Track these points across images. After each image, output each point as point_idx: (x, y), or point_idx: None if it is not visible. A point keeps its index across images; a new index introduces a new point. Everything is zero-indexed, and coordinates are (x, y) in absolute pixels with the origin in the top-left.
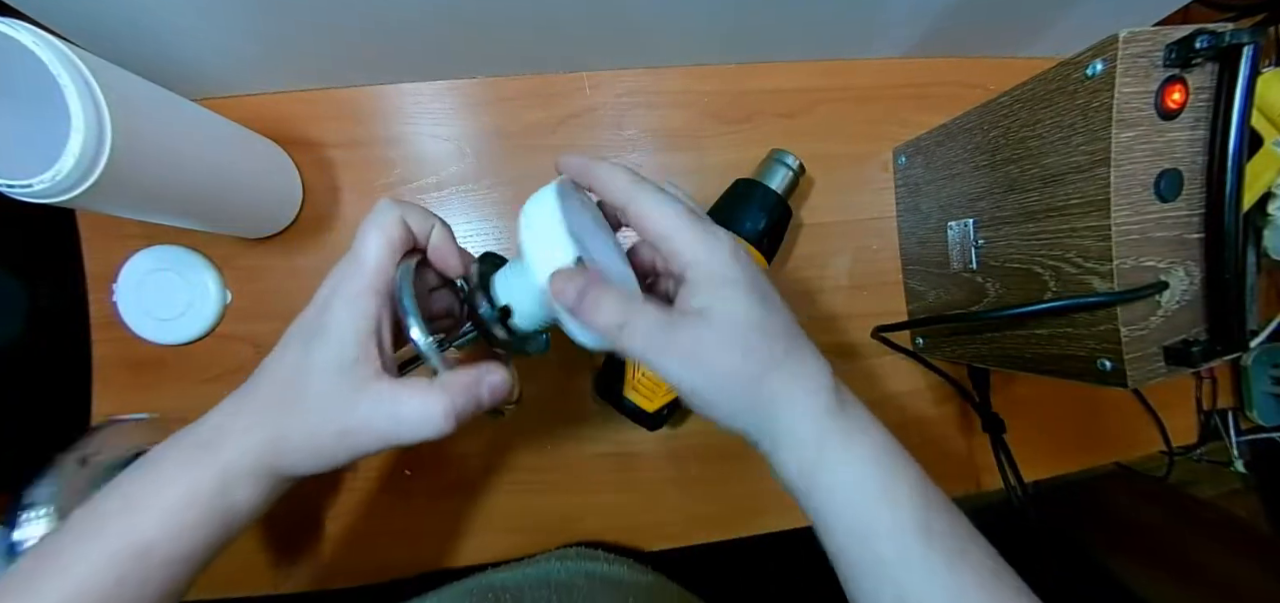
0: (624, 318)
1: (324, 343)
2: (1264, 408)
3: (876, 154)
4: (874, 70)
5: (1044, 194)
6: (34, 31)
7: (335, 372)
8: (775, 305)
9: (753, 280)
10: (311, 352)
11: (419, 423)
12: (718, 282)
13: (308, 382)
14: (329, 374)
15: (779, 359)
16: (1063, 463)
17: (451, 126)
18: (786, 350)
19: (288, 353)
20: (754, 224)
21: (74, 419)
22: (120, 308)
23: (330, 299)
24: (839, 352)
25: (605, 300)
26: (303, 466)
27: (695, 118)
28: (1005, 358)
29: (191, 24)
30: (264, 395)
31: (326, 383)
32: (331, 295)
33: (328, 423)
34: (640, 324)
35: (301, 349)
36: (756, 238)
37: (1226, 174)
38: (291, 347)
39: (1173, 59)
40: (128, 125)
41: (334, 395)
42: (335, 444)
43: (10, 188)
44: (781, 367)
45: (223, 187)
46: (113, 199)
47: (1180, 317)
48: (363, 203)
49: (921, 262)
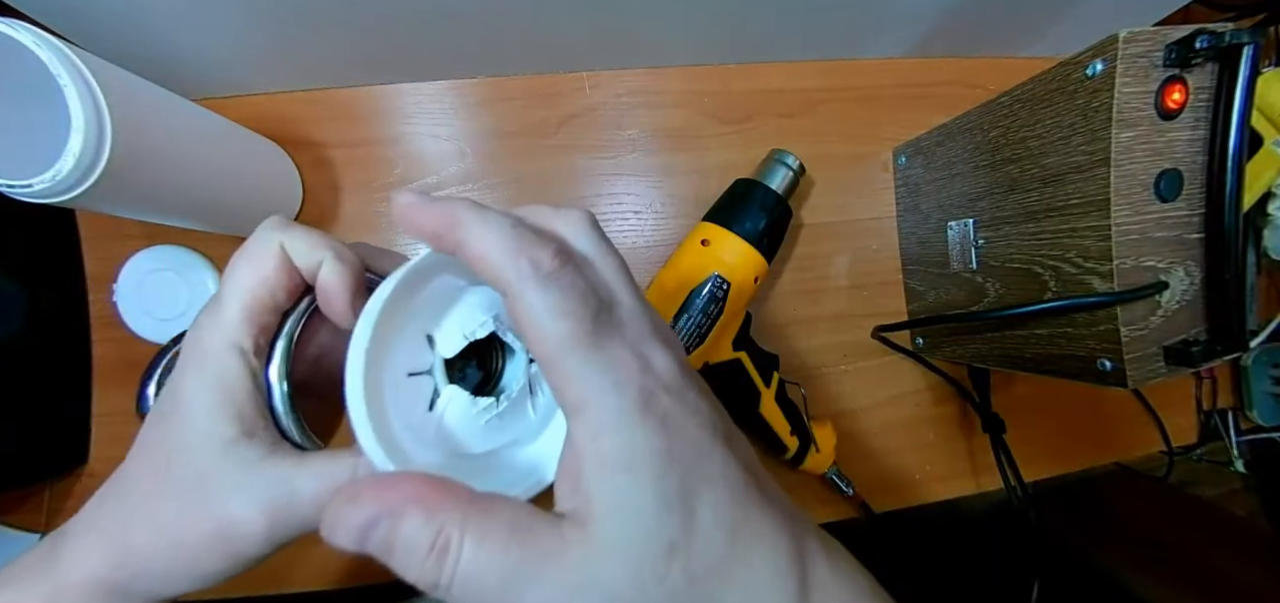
0: (440, 571)
1: (178, 419)
2: (1264, 408)
3: (876, 154)
4: (874, 70)
5: (1044, 194)
6: (34, 31)
7: (200, 454)
8: (706, 474)
9: (669, 445)
10: (168, 431)
11: (319, 497)
12: (609, 462)
13: (167, 472)
14: (191, 458)
15: (706, 588)
16: (1063, 463)
17: (451, 126)
18: (720, 568)
19: (148, 432)
20: (754, 224)
21: (74, 419)
22: (120, 308)
23: (184, 360)
24: (839, 352)
25: (408, 538)
26: (169, 586)
27: (695, 118)
28: (1005, 358)
29: (191, 24)
30: (118, 492)
31: (187, 471)
32: (185, 355)
33: (194, 526)
34: (474, 567)
35: (158, 427)
36: (756, 238)
37: (1226, 174)
38: (150, 424)
39: (1173, 59)
40: (128, 125)
41: (199, 488)
42: (211, 551)
43: (10, 188)
44: (715, 594)
45: (223, 187)
46: (113, 199)
47: (1180, 317)
48: (363, 203)
49: (921, 262)
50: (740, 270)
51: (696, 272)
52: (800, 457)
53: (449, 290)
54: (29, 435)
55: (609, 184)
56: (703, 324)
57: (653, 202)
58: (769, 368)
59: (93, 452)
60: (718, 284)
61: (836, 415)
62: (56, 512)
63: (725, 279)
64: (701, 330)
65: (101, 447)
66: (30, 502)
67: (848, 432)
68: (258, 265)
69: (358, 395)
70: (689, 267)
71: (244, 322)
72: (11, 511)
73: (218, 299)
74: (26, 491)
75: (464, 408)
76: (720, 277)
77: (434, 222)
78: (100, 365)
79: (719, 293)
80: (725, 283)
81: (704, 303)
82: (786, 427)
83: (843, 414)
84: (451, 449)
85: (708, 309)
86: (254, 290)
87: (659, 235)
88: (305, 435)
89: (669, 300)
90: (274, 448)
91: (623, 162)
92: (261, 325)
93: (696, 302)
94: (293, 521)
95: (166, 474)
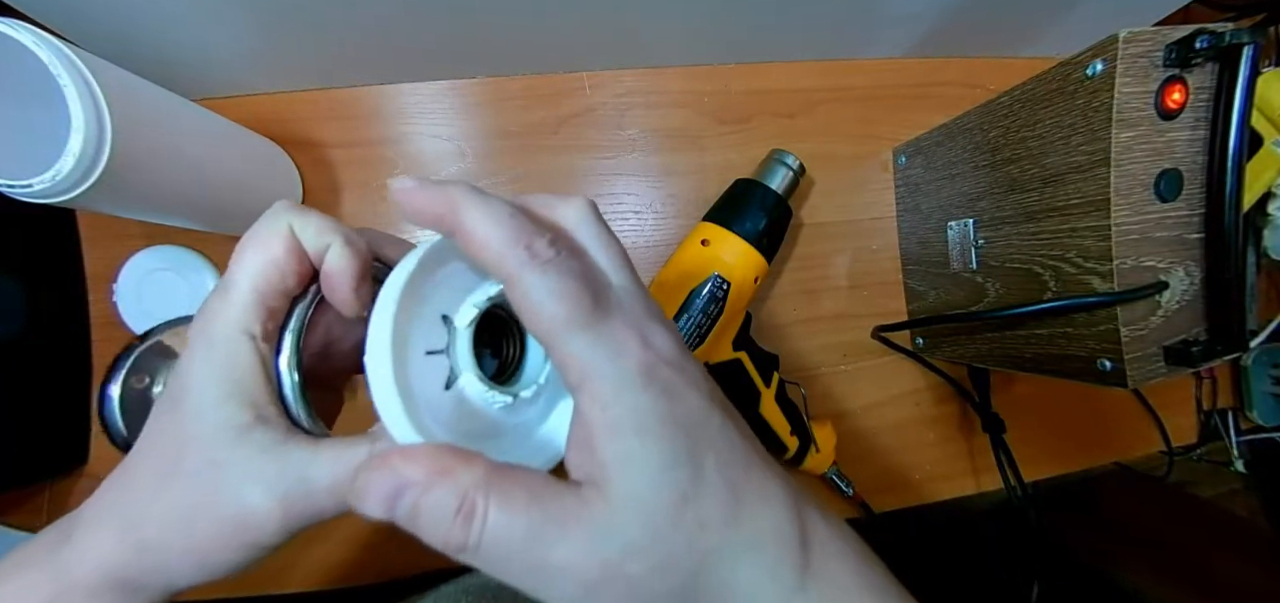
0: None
1: (188, 407)
2: (1264, 408)
3: (876, 154)
4: (874, 70)
5: (1044, 194)
6: (34, 31)
7: (213, 443)
8: (707, 437)
9: (672, 410)
10: (178, 419)
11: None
12: (618, 427)
13: (179, 462)
14: (204, 447)
15: (717, 536)
16: (1063, 463)
17: (451, 126)
18: (729, 517)
19: (156, 420)
20: (754, 224)
21: (74, 419)
22: (120, 308)
23: (192, 347)
24: (839, 352)
25: (435, 504)
26: (182, 578)
27: (695, 118)
28: (1005, 358)
29: (191, 24)
30: (126, 483)
31: (200, 461)
32: (193, 342)
33: (209, 516)
34: (500, 529)
35: (167, 416)
36: (756, 238)
37: (1226, 174)
38: (158, 413)
39: (1173, 59)
40: (128, 125)
41: (213, 477)
42: (226, 542)
43: (10, 188)
44: (721, 551)
45: (223, 187)
46: (113, 199)
47: (1180, 317)
48: (363, 203)
49: (921, 262)
50: (740, 270)
51: (697, 271)
52: (800, 457)
53: (462, 275)
54: (29, 435)
55: (609, 184)
56: (703, 324)
57: (653, 202)
58: (769, 368)
59: (93, 452)
60: (718, 284)
61: (836, 415)
62: (56, 512)
63: (725, 279)
64: (702, 330)
65: (101, 447)
66: (30, 502)
67: (848, 432)
68: (267, 247)
69: (386, 367)
70: (689, 266)
71: (254, 306)
72: (11, 510)
73: (226, 283)
74: (26, 490)
75: (480, 389)
76: (720, 277)
77: (433, 205)
78: (100, 365)
79: (719, 293)
80: (725, 283)
81: (704, 303)
82: (786, 427)
83: (843, 414)
84: (467, 429)
85: (708, 309)
86: (264, 273)
87: (659, 235)
88: (315, 424)
89: (670, 299)
90: (288, 435)
91: (623, 161)
92: (270, 310)
93: (697, 301)
94: (308, 509)
95: (178, 464)
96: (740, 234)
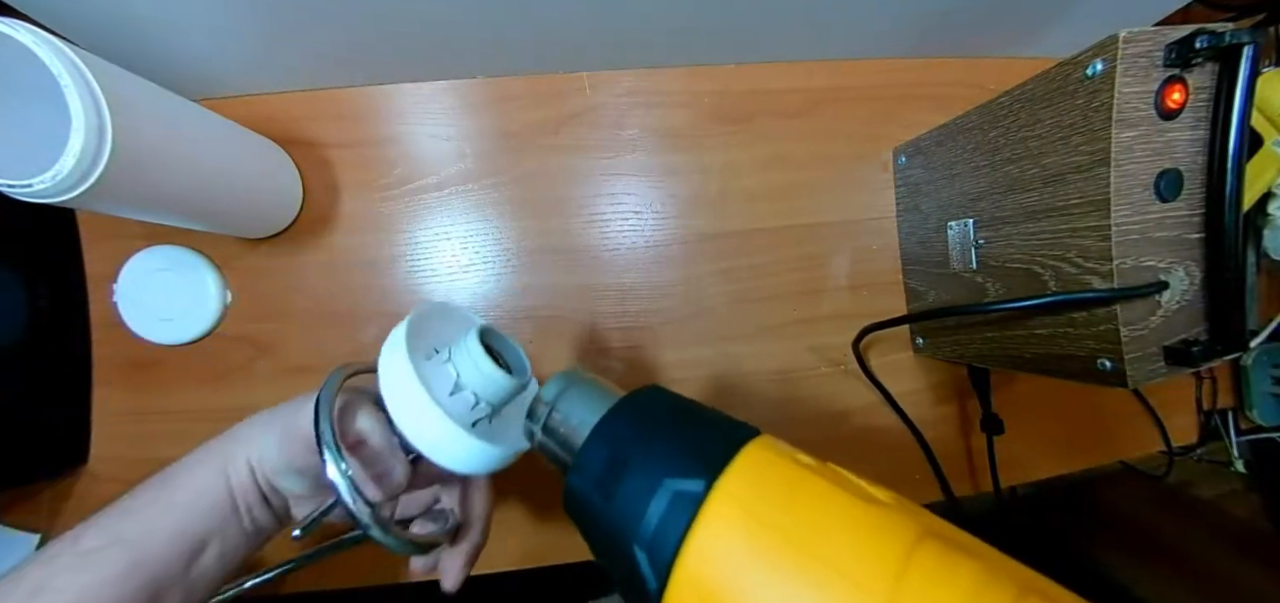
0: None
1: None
2: (1264, 408)
3: (876, 154)
4: (874, 70)
5: (1044, 194)
6: (34, 31)
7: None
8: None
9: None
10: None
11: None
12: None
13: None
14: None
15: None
16: (1063, 463)
17: (451, 126)
18: None
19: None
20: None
21: (74, 419)
22: (120, 308)
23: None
24: (839, 352)
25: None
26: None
27: (695, 118)
28: (1006, 358)
29: (192, 24)
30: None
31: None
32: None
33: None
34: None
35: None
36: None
37: (1226, 174)
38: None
39: (1173, 59)
40: (128, 125)
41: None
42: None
43: (10, 188)
44: None
45: (223, 187)
46: (113, 199)
47: (1180, 317)
48: (363, 203)
49: (921, 262)
50: None
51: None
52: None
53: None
54: (29, 435)
55: (609, 184)
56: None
57: (653, 202)
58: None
59: (93, 452)
60: None
61: (836, 415)
62: (56, 512)
63: None
64: None
65: (101, 447)
66: (30, 502)
67: (847, 432)
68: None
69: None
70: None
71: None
72: (11, 510)
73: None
74: (26, 490)
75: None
76: None
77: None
78: (100, 365)
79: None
80: None
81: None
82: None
83: (842, 414)
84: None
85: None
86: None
87: (659, 235)
88: (353, 494)
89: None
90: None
91: (623, 161)
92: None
93: None
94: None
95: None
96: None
